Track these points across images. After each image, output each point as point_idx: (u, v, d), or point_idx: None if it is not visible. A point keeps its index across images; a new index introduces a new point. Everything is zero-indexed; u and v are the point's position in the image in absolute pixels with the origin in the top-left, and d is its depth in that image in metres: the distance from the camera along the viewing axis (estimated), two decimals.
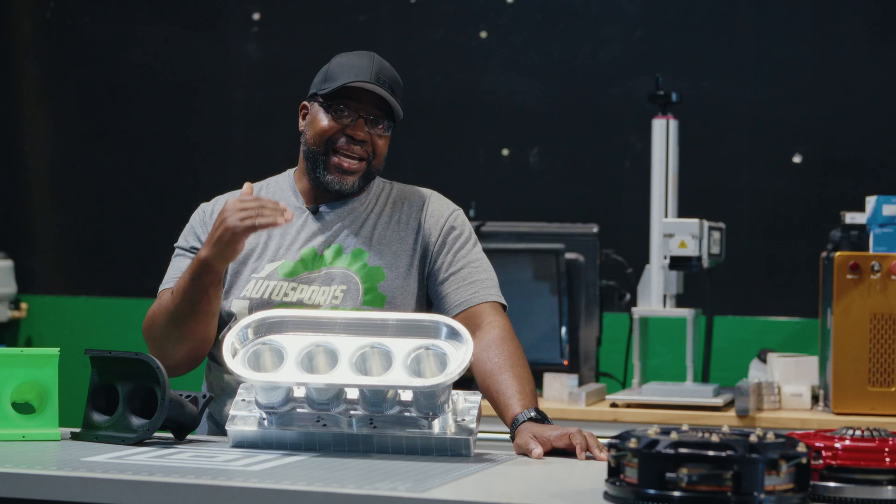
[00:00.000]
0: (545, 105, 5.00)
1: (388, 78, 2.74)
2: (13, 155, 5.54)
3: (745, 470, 1.76)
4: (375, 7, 5.15)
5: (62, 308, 5.41)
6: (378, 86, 2.70)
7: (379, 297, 2.70)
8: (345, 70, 2.73)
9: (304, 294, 2.70)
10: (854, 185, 4.55)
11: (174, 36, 5.37)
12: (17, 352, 2.44)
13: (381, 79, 2.72)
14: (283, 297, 2.70)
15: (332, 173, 2.73)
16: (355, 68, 2.73)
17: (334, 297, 2.70)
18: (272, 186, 2.86)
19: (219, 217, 2.55)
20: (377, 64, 2.74)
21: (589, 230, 4.33)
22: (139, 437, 2.36)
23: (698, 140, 4.62)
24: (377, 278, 2.72)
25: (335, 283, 2.71)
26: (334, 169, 2.73)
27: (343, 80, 2.71)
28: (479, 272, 2.76)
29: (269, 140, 5.24)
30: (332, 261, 2.73)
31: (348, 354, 2.32)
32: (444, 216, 2.80)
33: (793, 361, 4.04)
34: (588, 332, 4.29)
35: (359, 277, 2.72)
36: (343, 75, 2.72)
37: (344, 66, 2.75)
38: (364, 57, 2.75)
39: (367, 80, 2.69)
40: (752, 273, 4.74)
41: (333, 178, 2.73)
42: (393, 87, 2.74)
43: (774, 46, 4.80)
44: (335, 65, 2.78)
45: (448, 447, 2.30)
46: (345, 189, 2.74)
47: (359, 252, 2.74)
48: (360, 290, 2.71)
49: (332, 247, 2.75)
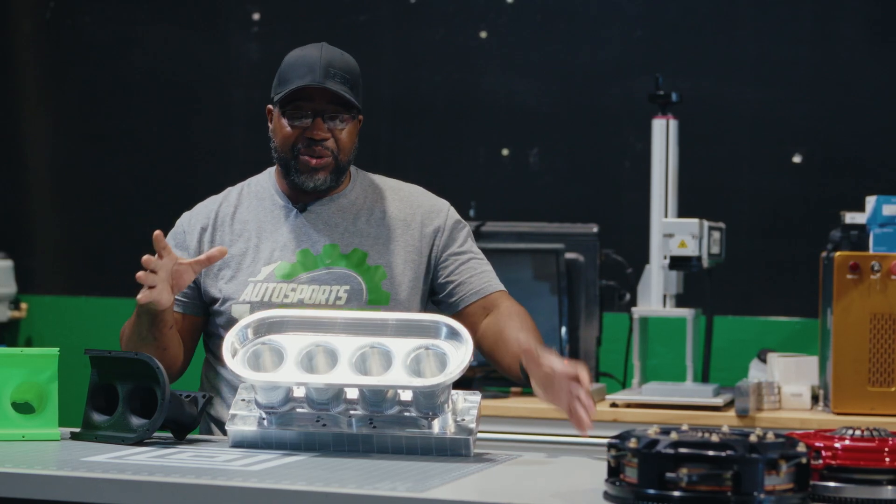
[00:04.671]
0: (545, 105, 4.99)
1: (339, 69, 2.71)
2: (13, 155, 5.54)
3: (745, 470, 1.76)
4: (375, 7, 5.15)
5: (62, 308, 5.41)
6: (329, 80, 2.68)
7: (383, 296, 2.71)
8: (294, 69, 2.72)
9: (305, 294, 2.70)
10: (854, 185, 4.54)
11: (174, 36, 5.37)
12: (16, 352, 2.44)
13: (330, 72, 2.69)
14: (282, 298, 2.70)
15: (302, 173, 2.73)
16: (304, 66, 2.70)
17: (338, 297, 2.70)
18: (253, 187, 2.86)
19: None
20: (326, 57, 2.71)
21: (589, 230, 4.32)
22: (139, 437, 2.36)
23: (698, 140, 4.62)
24: (379, 277, 2.72)
25: (337, 283, 2.71)
26: (303, 167, 2.73)
27: (292, 84, 2.70)
28: (484, 263, 2.80)
29: (269, 140, 5.23)
30: (329, 261, 2.73)
31: (348, 354, 2.32)
32: (444, 211, 2.81)
33: (793, 361, 4.04)
34: (588, 332, 4.29)
35: (361, 278, 2.72)
36: (293, 76, 2.71)
37: (293, 65, 2.73)
38: (313, 51, 2.73)
39: (317, 78, 2.67)
40: (752, 273, 4.74)
41: (304, 177, 2.73)
42: (346, 77, 2.71)
43: (774, 46, 4.79)
44: (286, 65, 2.76)
45: (448, 447, 2.30)
46: (318, 186, 2.74)
47: (357, 251, 2.74)
48: (363, 291, 2.71)
49: (328, 246, 2.75)
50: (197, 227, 2.80)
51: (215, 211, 2.81)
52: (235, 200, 2.83)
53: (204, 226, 2.80)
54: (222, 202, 2.83)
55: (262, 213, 2.80)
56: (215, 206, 2.83)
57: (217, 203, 2.83)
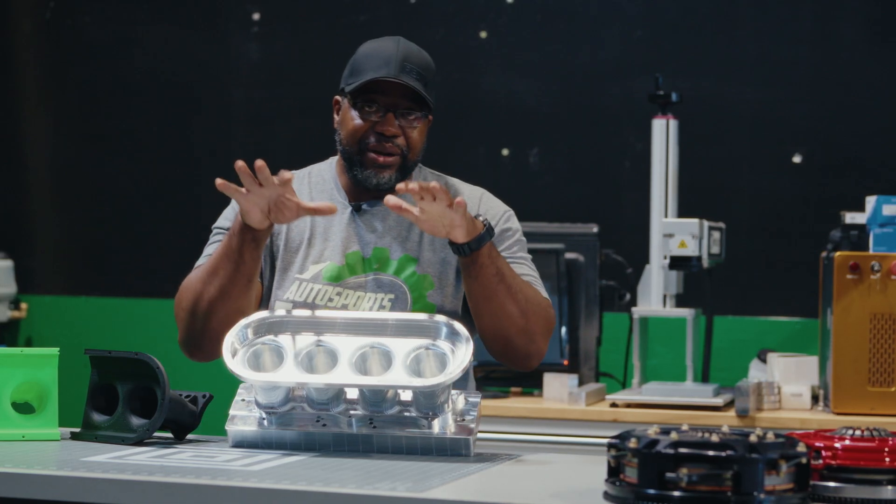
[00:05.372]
0: (545, 105, 5.00)
1: (416, 64, 2.61)
2: (13, 155, 5.54)
3: (744, 470, 1.76)
4: (375, 7, 5.15)
5: (62, 308, 5.41)
6: (405, 75, 2.58)
7: (428, 307, 2.63)
8: (369, 61, 2.61)
9: (350, 300, 2.63)
10: (854, 185, 4.54)
11: (174, 36, 5.37)
12: (16, 352, 2.44)
13: (406, 66, 2.59)
14: (327, 301, 2.63)
15: (368, 168, 2.63)
16: (380, 58, 2.60)
17: (382, 306, 2.63)
18: (315, 176, 2.76)
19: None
20: (402, 50, 2.61)
21: (589, 230, 4.32)
22: (139, 437, 2.36)
23: (698, 140, 4.62)
24: (426, 287, 2.65)
25: (382, 290, 2.64)
26: (370, 164, 2.63)
27: (367, 75, 2.59)
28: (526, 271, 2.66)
29: (269, 140, 5.24)
30: (378, 266, 2.65)
31: (348, 354, 2.32)
32: (497, 216, 2.71)
33: (793, 361, 4.04)
34: (588, 332, 4.29)
35: (407, 287, 2.65)
36: (367, 68, 2.60)
37: (369, 56, 2.62)
38: (389, 43, 2.62)
39: (392, 72, 2.58)
40: (752, 273, 4.74)
41: (370, 172, 2.63)
42: (422, 73, 2.61)
43: (774, 46, 4.80)
44: (360, 56, 2.65)
45: (448, 447, 2.30)
46: (382, 184, 2.63)
47: (407, 259, 2.66)
48: (408, 300, 2.64)
49: (378, 250, 2.66)
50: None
51: None
52: (297, 187, 2.68)
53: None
54: None
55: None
56: None
57: None
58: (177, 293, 2.63)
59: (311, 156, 2.90)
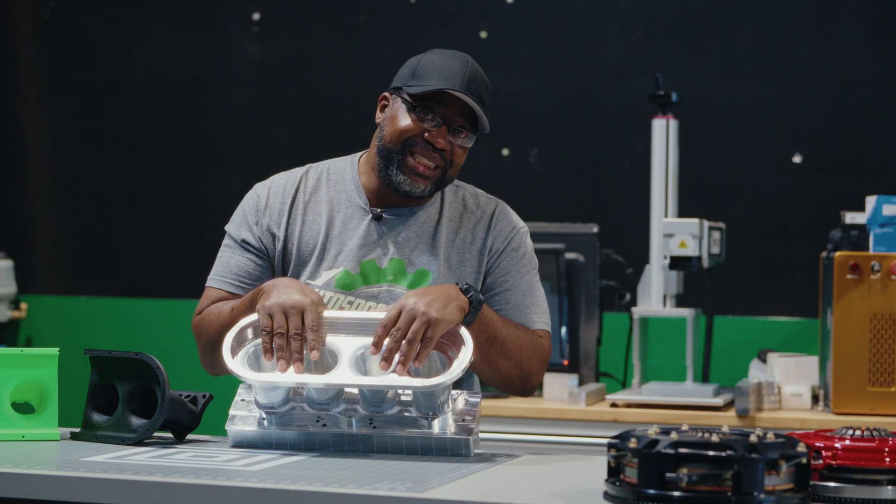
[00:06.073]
0: (545, 105, 4.99)
1: (479, 86, 2.60)
2: (13, 155, 5.55)
3: (745, 470, 1.76)
4: (375, 7, 5.15)
5: (62, 308, 5.41)
6: (469, 94, 2.57)
7: None
8: (437, 71, 2.58)
9: (362, 310, 2.58)
10: (854, 185, 4.54)
11: (174, 36, 5.37)
12: (16, 352, 2.44)
13: (472, 87, 2.58)
14: (337, 310, 2.57)
15: (405, 173, 2.57)
16: (447, 71, 2.57)
17: None
18: (333, 174, 2.70)
19: (272, 293, 2.39)
20: (470, 70, 2.60)
21: (589, 230, 4.32)
22: (139, 437, 2.36)
23: (698, 140, 4.62)
24: None
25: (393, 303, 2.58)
26: (409, 170, 2.57)
27: (434, 84, 2.56)
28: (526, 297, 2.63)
29: (269, 140, 5.24)
30: (393, 278, 2.60)
31: (348, 354, 2.32)
32: (509, 234, 2.68)
33: (793, 361, 4.04)
34: (588, 332, 4.29)
35: None
36: (434, 77, 2.57)
37: (437, 66, 2.59)
38: (458, 59, 2.61)
39: (459, 87, 2.57)
40: (752, 273, 4.74)
41: (406, 178, 2.57)
42: (483, 97, 2.61)
43: (774, 46, 4.79)
44: (427, 62, 2.61)
45: (448, 447, 2.30)
46: (415, 192, 2.58)
47: (423, 273, 2.61)
48: None
49: (394, 261, 2.61)
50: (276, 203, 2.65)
51: (292, 196, 2.66)
52: (313, 185, 2.67)
53: (280, 208, 2.65)
54: (300, 185, 2.67)
55: (335, 208, 2.64)
56: (292, 188, 2.67)
57: (294, 186, 2.67)
58: (196, 318, 2.62)
59: (311, 156, 2.90)
